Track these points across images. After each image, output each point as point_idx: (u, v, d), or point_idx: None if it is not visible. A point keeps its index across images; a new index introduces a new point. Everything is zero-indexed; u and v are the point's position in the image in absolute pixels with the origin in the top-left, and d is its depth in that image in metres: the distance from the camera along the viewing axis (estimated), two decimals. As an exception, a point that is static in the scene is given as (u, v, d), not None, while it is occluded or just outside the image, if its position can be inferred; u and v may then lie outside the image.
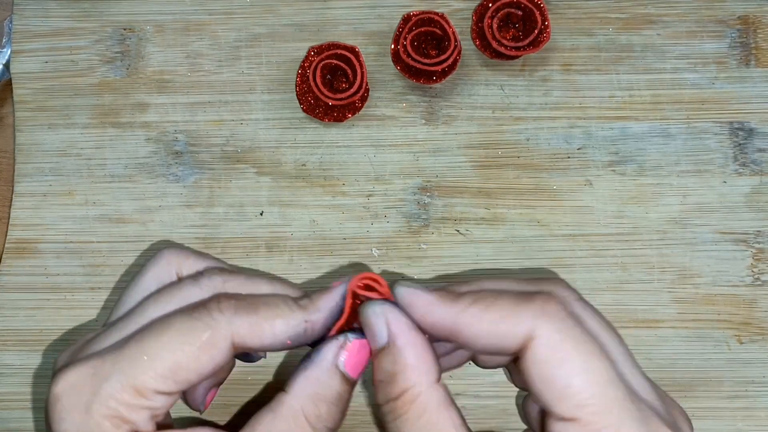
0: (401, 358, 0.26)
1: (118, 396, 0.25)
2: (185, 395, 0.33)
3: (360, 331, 0.27)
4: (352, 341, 0.27)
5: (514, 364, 0.30)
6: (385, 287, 0.28)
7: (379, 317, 0.26)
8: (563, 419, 0.24)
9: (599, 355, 0.25)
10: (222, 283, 0.29)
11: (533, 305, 0.25)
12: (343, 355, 0.27)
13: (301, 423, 0.26)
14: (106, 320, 0.31)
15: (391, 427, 0.26)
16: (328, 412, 0.26)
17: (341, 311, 0.28)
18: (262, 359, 0.35)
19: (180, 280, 0.30)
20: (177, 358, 0.26)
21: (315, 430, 0.26)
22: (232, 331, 0.26)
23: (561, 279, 0.29)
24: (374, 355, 0.27)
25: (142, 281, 0.31)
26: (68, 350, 0.29)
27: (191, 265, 0.31)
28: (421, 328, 0.27)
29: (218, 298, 0.27)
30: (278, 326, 0.27)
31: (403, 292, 0.27)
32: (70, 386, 0.26)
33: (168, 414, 0.30)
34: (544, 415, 0.26)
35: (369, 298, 0.27)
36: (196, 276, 0.29)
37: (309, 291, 0.29)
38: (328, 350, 0.27)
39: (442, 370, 0.27)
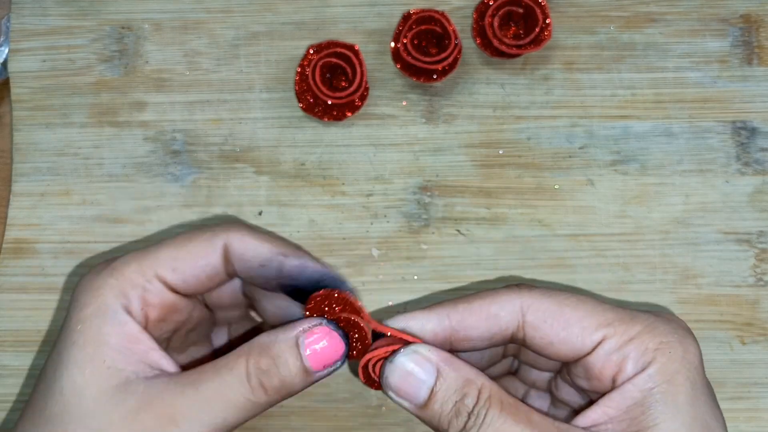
0: (461, 373, 0.27)
1: (123, 268, 0.29)
2: None
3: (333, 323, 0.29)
4: (321, 328, 0.28)
5: (522, 346, 0.31)
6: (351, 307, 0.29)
7: (415, 354, 0.27)
8: (594, 348, 0.27)
9: (585, 296, 0.28)
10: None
11: (508, 289, 0.28)
12: (305, 336, 0.28)
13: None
14: None
15: None
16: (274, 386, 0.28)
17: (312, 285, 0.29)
18: None
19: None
20: (180, 247, 0.29)
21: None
22: (225, 240, 0.30)
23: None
24: (424, 404, 0.27)
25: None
26: None
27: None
28: None
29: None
30: (266, 248, 0.30)
31: (397, 320, 0.29)
32: (96, 265, 0.30)
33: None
34: (571, 372, 0.29)
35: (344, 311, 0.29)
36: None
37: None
38: (295, 328, 0.28)
39: None
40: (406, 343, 0.28)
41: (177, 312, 0.30)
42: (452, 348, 0.29)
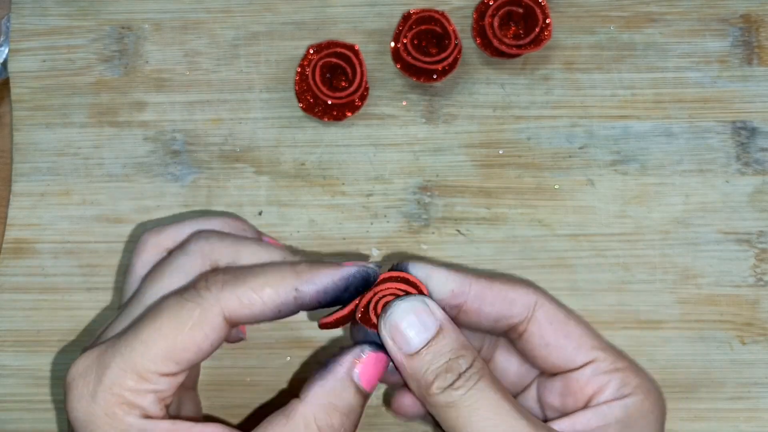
0: (462, 338, 0.27)
1: (121, 382, 0.26)
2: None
3: (374, 344, 0.28)
4: (368, 354, 0.27)
5: (513, 342, 0.31)
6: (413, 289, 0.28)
7: (424, 304, 0.27)
8: (581, 367, 0.29)
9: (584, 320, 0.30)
10: (209, 247, 0.29)
11: (526, 283, 0.30)
12: (358, 367, 0.27)
13: (312, 431, 0.26)
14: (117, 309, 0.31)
15: (462, 405, 0.26)
16: (340, 423, 0.26)
17: (343, 296, 0.28)
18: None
19: (168, 254, 0.30)
20: (172, 339, 0.26)
21: None
22: (222, 306, 0.27)
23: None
24: (415, 352, 0.27)
25: (135, 270, 0.31)
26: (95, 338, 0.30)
27: (172, 237, 0.31)
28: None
29: (206, 276, 0.28)
30: (267, 295, 0.27)
31: (421, 267, 0.28)
32: (78, 375, 0.26)
33: (186, 400, 0.31)
34: (546, 385, 0.30)
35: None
36: (183, 245, 0.30)
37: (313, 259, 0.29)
38: (344, 361, 0.27)
39: None
40: (419, 292, 0.28)
41: (183, 377, 0.28)
42: (455, 318, 0.29)
